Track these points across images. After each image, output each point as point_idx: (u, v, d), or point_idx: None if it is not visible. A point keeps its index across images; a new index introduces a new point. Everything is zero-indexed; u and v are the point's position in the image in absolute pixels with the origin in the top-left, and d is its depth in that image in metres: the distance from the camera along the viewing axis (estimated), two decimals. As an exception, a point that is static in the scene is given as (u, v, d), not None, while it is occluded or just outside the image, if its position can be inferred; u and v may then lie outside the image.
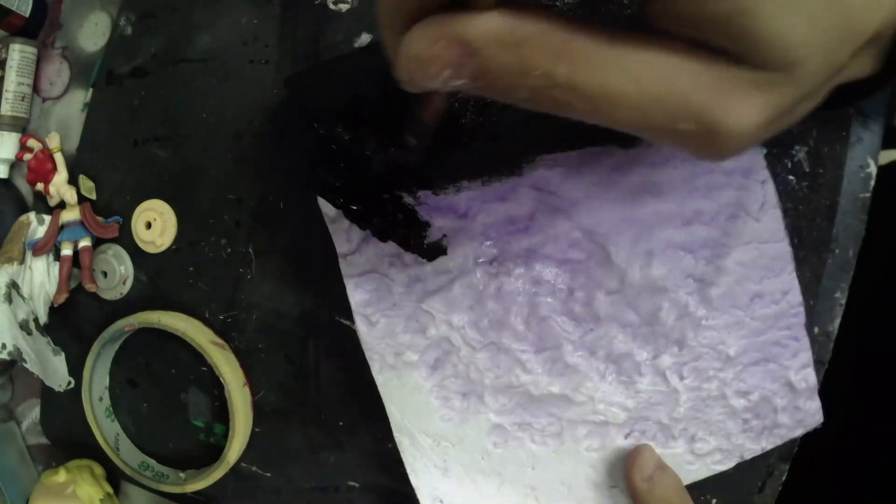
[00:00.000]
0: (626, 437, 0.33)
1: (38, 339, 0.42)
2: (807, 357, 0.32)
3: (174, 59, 0.40)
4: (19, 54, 0.44)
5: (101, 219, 0.42)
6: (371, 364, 0.34)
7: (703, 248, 0.30)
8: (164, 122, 0.41)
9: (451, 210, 0.31)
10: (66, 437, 0.47)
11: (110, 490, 0.45)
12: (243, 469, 0.41)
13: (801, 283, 0.31)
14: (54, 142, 0.43)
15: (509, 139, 0.31)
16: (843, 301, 0.33)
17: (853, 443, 0.46)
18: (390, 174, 0.32)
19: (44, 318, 0.43)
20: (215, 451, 0.40)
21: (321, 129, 0.32)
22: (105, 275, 0.43)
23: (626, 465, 0.32)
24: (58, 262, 0.43)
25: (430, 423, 0.34)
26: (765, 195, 0.30)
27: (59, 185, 0.43)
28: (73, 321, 0.45)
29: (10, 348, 0.41)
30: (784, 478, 0.34)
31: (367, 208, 0.32)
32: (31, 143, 0.44)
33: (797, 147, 0.31)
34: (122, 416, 0.44)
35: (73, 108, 0.45)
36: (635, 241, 0.30)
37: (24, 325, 0.42)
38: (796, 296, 0.31)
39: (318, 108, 0.32)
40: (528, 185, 0.31)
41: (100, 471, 0.45)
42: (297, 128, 0.33)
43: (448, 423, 0.34)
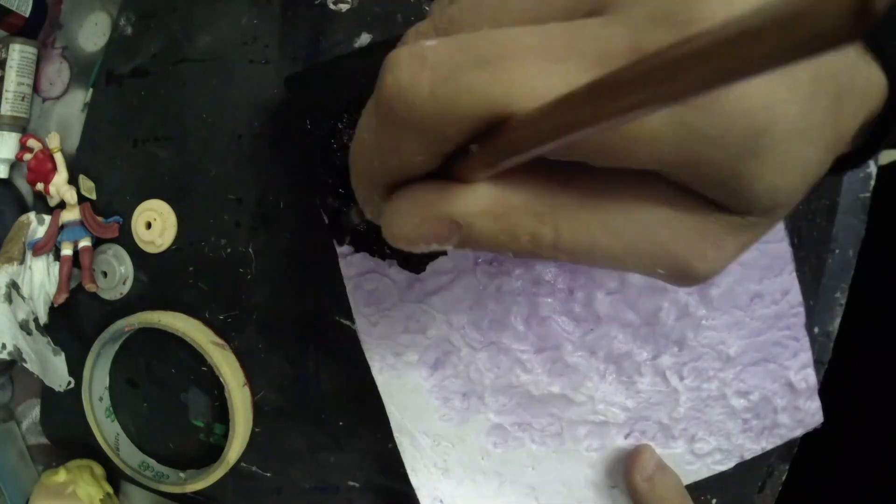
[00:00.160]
0: (626, 437, 0.33)
1: (38, 339, 0.42)
2: (807, 357, 0.32)
3: (174, 59, 0.40)
4: (19, 54, 0.44)
5: (101, 219, 0.42)
6: (371, 364, 0.34)
7: (704, 248, 0.30)
8: (164, 122, 0.41)
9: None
10: (66, 437, 0.47)
11: (110, 490, 0.45)
12: (243, 469, 0.41)
13: (801, 283, 0.31)
14: (54, 142, 0.43)
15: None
16: (843, 301, 0.33)
17: (853, 443, 0.46)
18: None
19: (44, 318, 0.43)
20: (215, 451, 0.40)
21: (321, 129, 0.32)
22: (105, 275, 0.43)
23: (626, 465, 0.32)
24: (58, 262, 0.43)
25: (430, 423, 0.34)
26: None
27: (59, 185, 0.43)
28: (73, 321, 0.45)
29: (10, 348, 0.41)
30: (784, 478, 0.34)
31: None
32: (31, 143, 0.44)
33: (797, 147, 0.31)
34: (122, 416, 0.44)
35: (73, 108, 0.45)
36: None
37: (24, 325, 0.42)
38: (796, 296, 0.31)
39: (318, 108, 0.32)
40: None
41: (100, 471, 0.45)
42: (297, 128, 0.33)
43: (448, 423, 0.34)
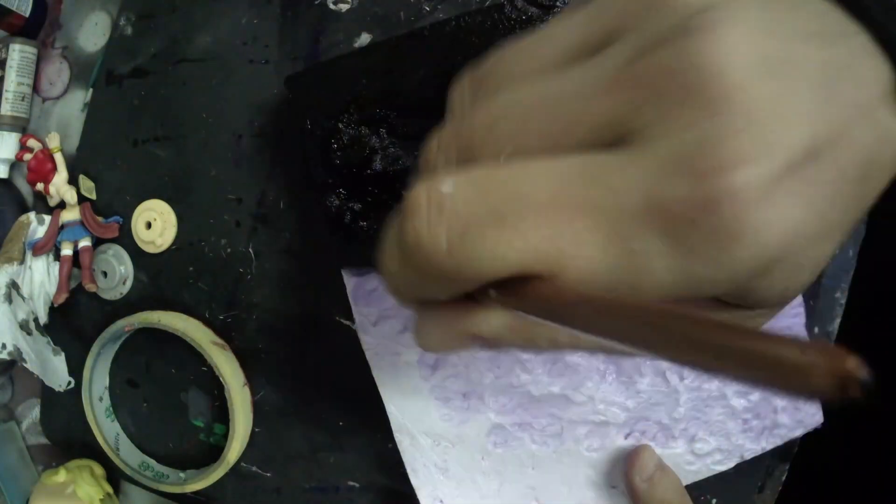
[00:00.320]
0: (626, 437, 0.33)
1: (38, 339, 0.42)
2: (807, 357, 0.32)
3: (174, 59, 0.40)
4: (19, 54, 0.44)
5: (101, 219, 0.42)
6: (371, 364, 0.34)
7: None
8: (164, 122, 0.41)
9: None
10: (66, 437, 0.47)
11: (110, 490, 0.45)
12: (243, 469, 0.41)
13: (802, 283, 0.31)
14: (54, 142, 0.43)
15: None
16: (843, 301, 0.33)
17: (853, 443, 0.46)
18: (390, 174, 0.32)
19: (44, 318, 0.43)
20: (215, 451, 0.40)
21: (321, 129, 0.32)
22: (105, 275, 0.43)
23: (626, 465, 0.32)
24: (58, 262, 0.43)
25: (430, 423, 0.34)
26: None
27: (59, 185, 0.43)
28: (73, 321, 0.45)
29: (10, 348, 0.41)
30: (784, 478, 0.34)
31: (366, 208, 0.32)
32: (31, 143, 0.44)
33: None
34: (122, 416, 0.44)
35: (73, 108, 0.45)
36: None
37: (24, 325, 0.42)
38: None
39: (318, 108, 0.32)
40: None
41: (100, 471, 0.45)
42: (297, 128, 0.33)
43: (448, 423, 0.34)
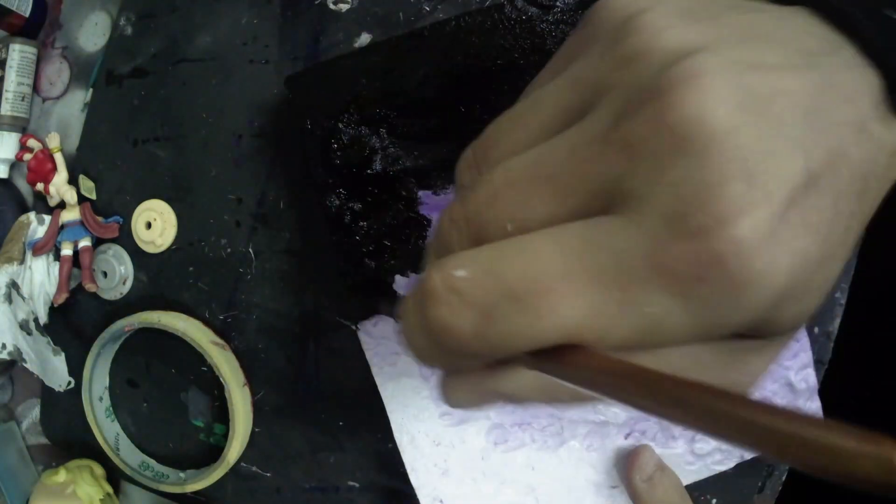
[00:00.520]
0: (626, 437, 0.33)
1: (38, 339, 0.42)
2: (807, 357, 0.32)
3: (174, 59, 0.40)
4: (19, 54, 0.44)
5: (101, 219, 0.42)
6: (371, 364, 0.34)
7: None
8: (164, 122, 0.41)
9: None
10: (66, 437, 0.47)
11: (110, 490, 0.45)
12: (243, 469, 0.41)
13: (801, 283, 0.31)
14: (54, 142, 0.43)
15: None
16: (843, 301, 0.33)
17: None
18: (390, 174, 0.32)
19: (44, 318, 0.43)
20: (215, 451, 0.40)
21: (321, 129, 0.32)
22: (105, 275, 0.43)
23: (626, 465, 0.32)
24: (58, 262, 0.43)
25: (430, 423, 0.34)
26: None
27: (59, 185, 0.43)
28: (73, 321, 0.45)
29: (10, 348, 0.41)
30: (784, 478, 0.34)
31: (366, 208, 0.32)
32: (31, 143, 0.44)
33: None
34: (122, 416, 0.44)
35: (73, 108, 0.45)
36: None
37: (24, 325, 0.42)
38: (796, 296, 0.31)
39: (318, 108, 0.32)
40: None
41: (100, 471, 0.45)
42: (297, 128, 0.33)
43: (448, 422, 0.34)
